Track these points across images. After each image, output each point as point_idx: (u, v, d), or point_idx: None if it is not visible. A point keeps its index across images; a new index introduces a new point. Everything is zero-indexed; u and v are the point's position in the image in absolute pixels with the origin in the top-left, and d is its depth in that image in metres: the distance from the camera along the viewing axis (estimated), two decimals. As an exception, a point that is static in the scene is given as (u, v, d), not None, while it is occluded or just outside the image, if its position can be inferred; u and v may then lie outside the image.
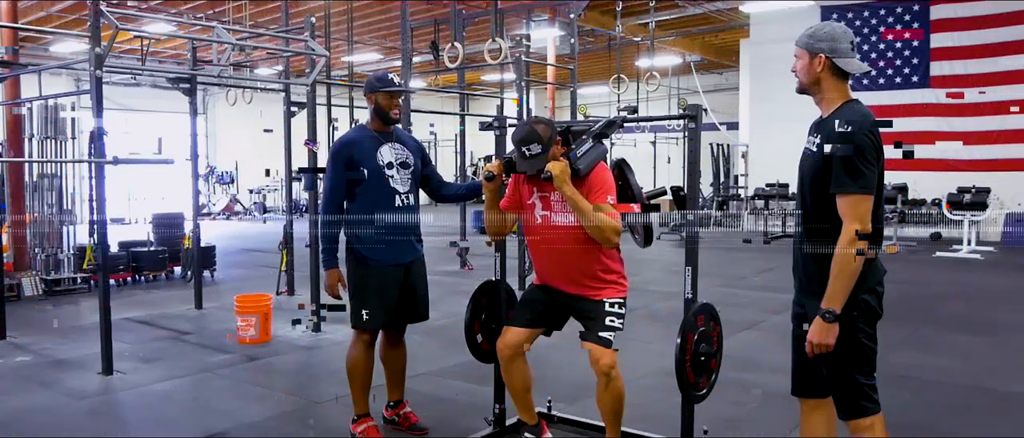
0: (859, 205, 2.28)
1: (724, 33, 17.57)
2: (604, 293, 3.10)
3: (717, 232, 15.12)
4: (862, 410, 2.42)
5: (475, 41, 14.76)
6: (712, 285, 8.19)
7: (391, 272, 3.46)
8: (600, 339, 3.01)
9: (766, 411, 4.08)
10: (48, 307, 7.22)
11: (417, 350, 5.56)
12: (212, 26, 5.93)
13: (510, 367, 3.22)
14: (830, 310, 2.32)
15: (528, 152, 2.95)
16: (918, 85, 13.17)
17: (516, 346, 3.19)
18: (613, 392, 3.04)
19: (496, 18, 8.84)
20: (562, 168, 2.87)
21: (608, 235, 2.92)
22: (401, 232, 3.46)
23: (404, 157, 3.52)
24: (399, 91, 3.51)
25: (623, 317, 3.11)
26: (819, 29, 2.48)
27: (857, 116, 2.36)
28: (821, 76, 2.44)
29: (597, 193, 2.97)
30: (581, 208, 2.89)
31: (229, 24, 12.22)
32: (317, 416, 4.02)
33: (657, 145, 21.37)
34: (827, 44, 2.43)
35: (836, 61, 2.42)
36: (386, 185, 3.43)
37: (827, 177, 2.35)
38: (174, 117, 18.92)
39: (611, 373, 3.01)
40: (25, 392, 4.48)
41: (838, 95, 2.45)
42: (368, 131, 3.52)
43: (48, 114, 7.94)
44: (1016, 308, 7.00)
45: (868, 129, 2.32)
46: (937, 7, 12.90)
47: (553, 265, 3.18)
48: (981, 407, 4.20)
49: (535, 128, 2.96)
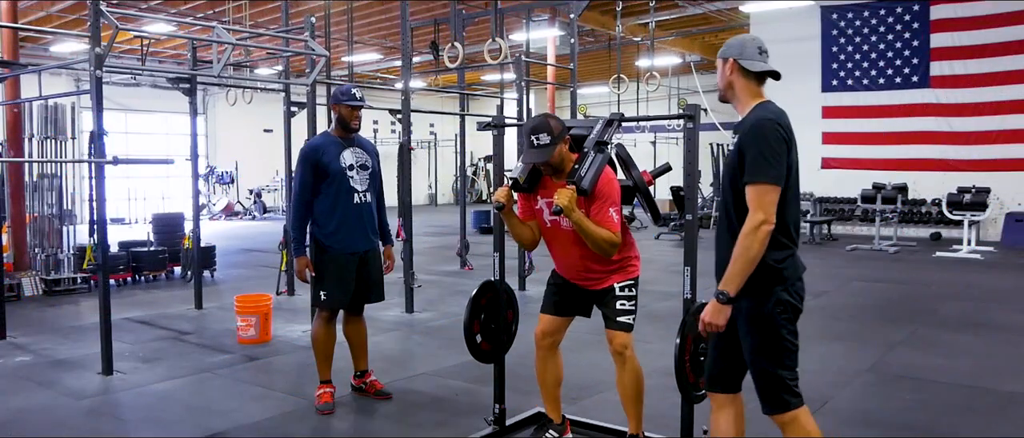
0: (765, 195, 2.39)
1: (724, 33, 17.55)
2: (613, 278, 3.19)
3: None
4: (786, 404, 2.54)
5: (475, 41, 14.76)
6: (712, 285, 8.16)
7: (348, 259, 3.98)
8: (618, 324, 3.15)
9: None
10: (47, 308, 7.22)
11: (417, 350, 5.56)
12: (212, 26, 5.92)
13: (545, 359, 3.36)
14: (724, 292, 2.44)
15: (537, 141, 3.03)
16: (918, 85, 13.17)
17: (551, 335, 3.33)
18: (631, 372, 3.17)
19: (496, 18, 8.84)
20: (570, 197, 2.93)
21: (605, 248, 3.00)
22: (358, 225, 3.99)
23: (363, 160, 4.05)
24: (359, 105, 3.98)
25: (635, 298, 3.21)
26: (734, 39, 2.64)
27: (767, 113, 2.48)
28: (732, 79, 2.59)
29: (599, 206, 3.04)
30: (585, 231, 2.97)
31: (229, 24, 12.21)
32: (317, 416, 4.01)
33: (657, 145, 21.39)
34: (736, 49, 2.58)
35: (742, 63, 2.55)
36: (347, 184, 3.96)
37: (740, 173, 2.46)
38: (174, 117, 18.96)
39: (625, 353, 3.14)
40: (25, 392, 4.48)
41: (750, 96, 2.58)
42: (332, 137, 4.04)
43: (48, 114, 7.95)
44: (1016, 308, 7.00)
45: (776, 124, 2.43)
46: (937, 7, 12.90)
47: (566, 263, 3.30)
48: (981, 407, 4.20)
49: (548, 120, 3.06)
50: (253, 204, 19.87)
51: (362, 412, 4.10)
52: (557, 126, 3.06)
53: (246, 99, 11.91)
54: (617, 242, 3.01)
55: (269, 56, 10.34)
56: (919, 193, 13.19)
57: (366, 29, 15.26)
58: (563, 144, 3.09)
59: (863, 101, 13.75)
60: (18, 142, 7.87)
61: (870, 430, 3.76)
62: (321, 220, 3.97)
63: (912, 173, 13.06)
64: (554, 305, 3.35)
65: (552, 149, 3.04)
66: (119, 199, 17.28)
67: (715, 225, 10.25)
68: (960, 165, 12.85)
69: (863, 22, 13.53)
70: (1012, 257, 10.80)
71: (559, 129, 3.06)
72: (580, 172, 3.02)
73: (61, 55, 15.92)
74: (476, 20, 11.94)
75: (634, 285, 3.24)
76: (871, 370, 4.83)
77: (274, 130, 19.28)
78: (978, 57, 12.61)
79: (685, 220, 3.08)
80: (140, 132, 19.30)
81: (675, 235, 13.50)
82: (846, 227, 13.92)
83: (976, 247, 11.21)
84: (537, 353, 3.38)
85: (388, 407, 4.17)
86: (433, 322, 6.34)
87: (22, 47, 12.31)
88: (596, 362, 5.11)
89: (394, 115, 7.25)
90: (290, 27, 6.95)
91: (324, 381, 4.10)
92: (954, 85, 12.89)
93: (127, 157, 5.51)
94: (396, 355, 5.41)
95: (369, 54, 17.78)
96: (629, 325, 3.17)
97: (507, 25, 11.81)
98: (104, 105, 4.94)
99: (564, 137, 3.09)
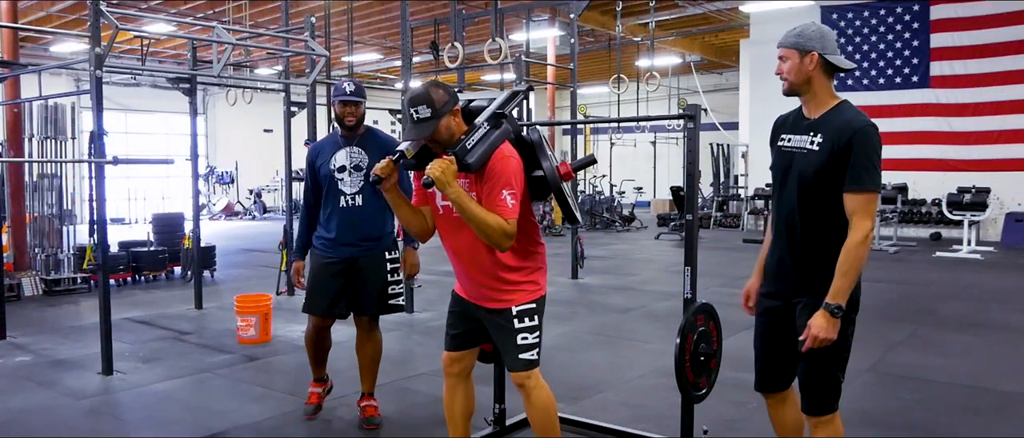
0: (872, 203, 2.34)
1: (724, 33, 17.58)
2: (513, 298, 2.69)
3: (717, 231, 15.11)
4: (833, 406, 2.50)
5: (475, 41, 14.77)
6: (712, 285, 8.19)
7: (327, 266, 3.78)
8: (519, 363, 2.68)
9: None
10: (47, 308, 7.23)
11: (417, 350, 5.56)
12: (212, 26, 5.92)
13: (454, 388, 2.96)
14: (838, 305, 2.34)
15: (416, 115, 2.53)
16: (918, 85, 13.17)
17: (459, 362, 2.93)
18: (537, 406, 2.72)
19: (496, 18, 8.85)
20: (444, 168, 2.44)
21: (497, 239, 2.49)
22: (346, 230, 3.76)
23: (359, 160, 3.77)
24: (351, 100, 3.73)
25: (538, 328, 2.71)
26: (807, 28, 2.48)
27: (863, 116, 2.40)
28: (813, 75, 2.44)
29: (490, 187, 2.53)
30: (466, 212, 2.47)
31: (229, 24, 12.21)
32: (317, 416, 4.01)
33: (657, 145, 21.39)
34: (818, 42, 2.44)
35: (828, 58, 2.43)
36: (334, 187, 3.76)
37: (832, 175, 2.38)
38: (174, 117, 18.96)
39: (527, 383, 2.69)
40: (25, 392, 4.48)
41: (829, 94, 2.48)
42: (333, 137, 3.88)
43: (48, 114, 7.95)
44: (1016, 308, 7.00)
45: (875, 130, 2.37)
46: (937, 7, 12.89)
47: (459, 264, 2.78)
48: (981, 407, 4.20)
49: (429, 90, 2.54)
50: (253, 204, 19.87)
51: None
52: (442, 97, 2.54)
53: (246, 99, 11.91)
54: (510, 232, 2.49)
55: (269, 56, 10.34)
56: (919, 193, 13.19)
57: (366, 29, 15.26)
58: (452, 117, 2.58)
59: (863, 101, 13.72)
60: (18, 142, 7.87)
61: (870, 430, 3.76)
62: (319, 224, 3.86)
63: (912, 173, 13.06)
64: (453, 339, 2.91)
65: (434, 123, 2.52)
66: (119, 199, 17.28)
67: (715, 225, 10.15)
68: (960, 165, 12.85)
69: (863, 22, 13.53)
70: (1012, 257, 10.80)
71: (444, 100, 2.54)
72: (465, 143, 2.51)
73: (61, 55, 15.92)
74: (476, 20, 11.94)
75: (536, 308, 2.71)
76: (871, 370, 4.83)
77: (274, 130, 19.28)
78: (978, 57, 12.61)
79: (685, 220, 3.05)
80: (140, 132, 19.30)
81: (675, 235, 13.49)
82: (846, 227, 13.89)
83: (976, 247, 11.21)
84: (445, 381, 2.96)
85: (388, 407, 4.17)
86: (433, 322, 6.33)
87: (22, 47, 12.30)
88: (596, 362, 5.12)
89: (394, 115, 7.25)
90: (290, 27, 6.96)
91: (316, 379, 4.03)
92: (954, 85, 12.89)
93: (127, 157, 5.51)
94: (396, 355, 5.41)
95: (369, 54, 17.78)
96: (532, 362, 2.68)
97: (507, 25, 11.81)
98: (104, 105, 4.94)
99: (452, 109, 2.57)
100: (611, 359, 5.21)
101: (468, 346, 2.91)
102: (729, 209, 16.41)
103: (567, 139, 21.48)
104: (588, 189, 16.98)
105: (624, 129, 21.41)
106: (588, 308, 7.05)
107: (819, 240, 2.44)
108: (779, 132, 2.63)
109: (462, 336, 2.89)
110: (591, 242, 12.22)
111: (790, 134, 2.55)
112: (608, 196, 16.61)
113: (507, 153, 2.59)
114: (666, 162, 21.98)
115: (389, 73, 21.33)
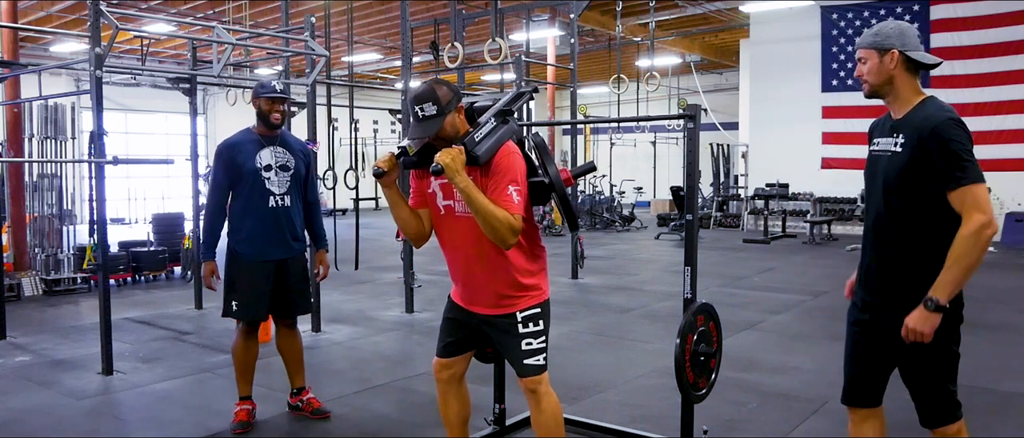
0: (982, 193, 2.20)
1: (724, 33, 17.57)
2: (517, 303, 2.66)
3: (717, 231, 15.11)
4: (954, 416, 2.41)
5: (475, 41, 14.76)
6: (712, 285, 8.19)
7: (260, 267, 3.69)
8: (526, 369, 2.64)
9: (766, 411, 4.08)
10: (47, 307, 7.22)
11: (417, 350, 5.56)
12: (212, 26, 5.92)
13: (447, 393, 2.89)
14: (935, 298, 2.21)
15: (421, 113, 2.50)
16: (918, 85, 13.17)
17: (448, 369, 2.86)
18: (548, 412, 2.66)
19: (496, 18, 8.84)
20: (454, 156, 2.40)
21: (503, 234, 2.43)
22: (274, 230, 3.70)
23: (285, 160, 3.73)
24: (279, 97, 3.68)
25: (543, 332, 2.67)
26: (884, 26, 2.41)
27: (946, 111, 2.31)
28: (895, 73, 2.36)
29: (496, 182, 2.49)
30: (474, 203, 2.41)
31: (229, 24, 12.21)
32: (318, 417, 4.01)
33: (657, 145, 21.39)
34: (898, 39, 2.35)
35: (910, 54, 2.35)
36: (261, 186, 3.65)
37: (915, 177, 2.29)
38: (174, 117, 18.96)
39: (538, 389, 2.64)
40: (25, 392, 4.48)
41: (914, 92, 2.38)
42: (252, 134, 3.75)
43: (48, 114, 7.95)
44: (1016, 308, 7.00)
45: (957, 123, 2.27)
46: (937, 7, 12.90)
47: (462, 270, 2.73)
48: (981, 407, 4.19)
49: (435, 87, 2.53)
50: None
51: (366, 411, 4.09)
52: (447, 94, 2.52)
53: (246, 99, 11.89)
54: (517, 227, 2.44)
55: (269, 56, 10.33)
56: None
57: (366, 29, 15.26)
58: (457, 114, 2.56)
59: (863, 101, 13.52)
60: (18, 142, 7.87)
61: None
62: (234, 224, 3.71)
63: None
64: (446, 347, 2.85)
65: (440, 120, 2.50)
66: (119, 199, 17.29)
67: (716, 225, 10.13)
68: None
69: (863, 22, 13.53)
70: (1012, 257, 10.80)
71: (449, 97, 2.52)
72: (474, 135, 2.50)
73: (61, 55, 15.92)
74: (476, 20, 11.93)
75: (541, 312, 2.67)
76: (871, 370, 4.82)
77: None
78: (978, 57, 12.61)
79: (685, 220, 3.05)
80: (140, 132, 19.30)
81: (675, 235, 13.49)
82: (846, 227, 13.91)
83: (976, 247, 11.18)
84: (437, 387, 2.90)
85: (388, 407, 4.17)
86: (433, 322, 6.33)
87: (22, 47, 12.30)
88: (596, 362, 5.12)
89: (394, 115, 7.25)
90: (290, 27, 6.94)
91: (242, 397, 3.85)
92: (954, 85, 12.88)
93: (127, 157, 5.52)
94: (396, 355, 5.42)
95: (369, 54, 17.78)
96: (540, 367, 2.64)
97: (507, 25, 11.81)
98: (104, 105, 4.94)
99: (457, 106, 2.56)
100: (611, 359, 5.21)
101: (461, 352, 2.87)
102: (729, 209, 16.41)
103: (567, 139, 21.49)
104: (588, 189, 16.98)
105: (624, 129, 21.41)
106: (588, 308, 7.05)
107: (908, 248, 2.34)
108: (871, 136, 2.55)
109: (456, 343, 2.85)
110: (591, 242, 12.22)
111: (879, 137, 2.48)
112: (608, 196, 16.61)
113: (512, 150, 2.57)
114: (666, 162, 21.97)
115: (389, 73, 21.33)
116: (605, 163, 18.52)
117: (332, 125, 7.84)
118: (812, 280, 8.69)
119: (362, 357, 5.30)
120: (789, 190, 13.88)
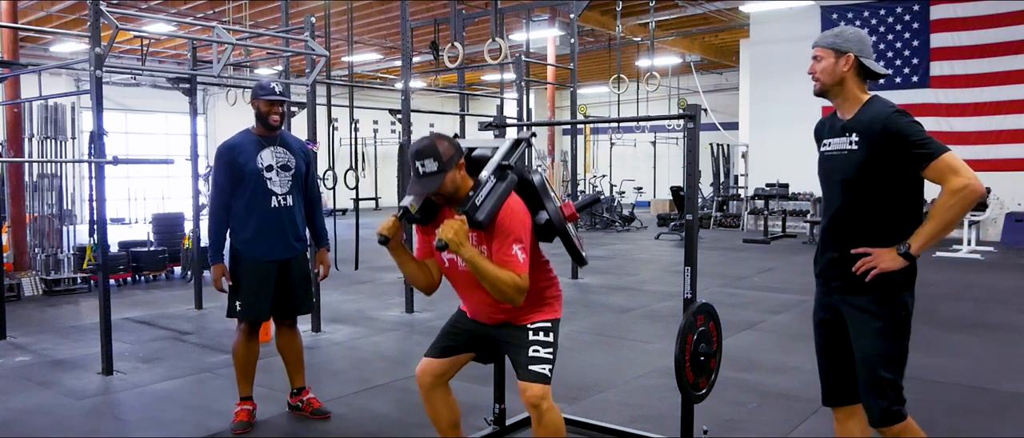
0: (952, 160, 2.28)
1: (724, 33, 17.58)
2: (531, 317, 2.72)
3: (717, 231, 15.11)
4: (900, 414, 2.45)
5: (475, 41, 14.77)
6: (712, 285, 8.19)
7: (263, 267, 3.70)
8: (530, 374, 2.63)
9: (766, 411, 4.08)
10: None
11: (417, 350, 5.55)
12: (212, 26, 5.92)
13: (432, 399, 2.87)
14: (907, 246, 2.33)
15: (422, 169, 2.52)
16: (918, 85, 13.17)
17: (433, 375, 2.85)
18: (549, 428, 2.62)
19: (496, 18, 8.84)
20: (457, 230, 2.43)
21: (511, 296, 2.49)
22: (276, 230, 3.72)
23: (285, 160, 3.76)
24: (278, 100, 3.68)
25: (553, 344, 2.71)
26: (846, 30, 2.51)
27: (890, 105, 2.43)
28: (846, 76, 2.45)
29: (500, 243, 2.54)
30: (479, 272, 2.47)
31: (229, 24, 12.22)
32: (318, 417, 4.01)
33: (657, 145, 21.39)
34: (857, 45, 2.45)
35: (864, 61, 2.45)
36: (264, 186, 3.67)
37: (875, 170, 2.37)
38: (174, 117, 18.97)
39: (541, 405, 2.59)
40: (25, 392, 4.48)
41: (862, 92, 2.48)
42: (252, 135, 3.76)
43: (48, 114, 7.95)
44: (1016, 308, 7.00)
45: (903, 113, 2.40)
46: (937, 7, 12.90)
47: (473, 307, 2.82)
48: (981, 407, 4.20)
49: (436, 142, 2.55)
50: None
51: (366, 411, 4.09)
52: (449, 150, 2.54)
53: (246, 99, 11.88)
54: (523, 287, 2.50)
55: (269, 56, 10.33)
56: (919, 193, 13.19)
57: (366, 29, 15.27)
58: (458, 170, 2.58)
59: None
60: (18, 142, 7.87)
61: (870, 430, 3.75)
62: (236, 225, 3.71)
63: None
64: (445, 349, 2.86)
65: (441, 177, 2.52)
66: (119, 199, 17.29)
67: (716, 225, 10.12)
68: (960, 165, 12.85)
69: (863, 22, 13.53)
70: (1012, 257, 10.80)
71: (450, 153, 2.54)
72: (474, 200, 2.51)
73: (61, 55, 15.93)
74: (476, 20, 11.94)
75: (552, 327, 2.73)
76: (871, 370, 4.83)
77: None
78: (978, 57, 12.62)
79: (685, 220, 3.05)
80: (140, 132, 19.31)
81: (675, 235, 13.49)
82: (846, 227, 13.90)
83: (976, 247, 11.21)
84: (422, 394, 2.88)
85: (388, 407, 4.17)
86: (433, 322, 6.33)
87: (22, 47, 12.31)
88: (596, 362, 5.12)
89: (394, 115, 7.25)
90: (290, 27, 6.94)
91: (243, 398, 3.86)
92: (954, 85, 12.89)
93: (127, 157, 5.51)
94: (396, 355, 5.42)
95: (369, 54, 17.79)
96: (545, 376, 2.62)
97: (507, 25, 11.81)
98: (104, 105, 4.94)
99: (458, 162, 2.58)
100: (611, 359, 5.21)
101: (456, 355, 2.89)
102: (729, 209, 16.41)
103: (567, 139, 21.49)
104: (588, 189, 16.99)
105: (624, 129, 21.41)
106: (588, 308, 7.05)
107: (870, 240, 2.41)
108: (820, 138, 2.62)
109: (455, 347, 2.88)
110: (591, 242, 12.22)
111: (829, 138, 2.55)
112: (608, 196, 16.62)
113: (514, 206, 2.60)
114: (666, 162, 21.97)
115: (389, 73, 21.34)
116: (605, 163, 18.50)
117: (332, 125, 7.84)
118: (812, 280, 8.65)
119: (362, 357, 5.30)
120: (789, 190, 13.88)
